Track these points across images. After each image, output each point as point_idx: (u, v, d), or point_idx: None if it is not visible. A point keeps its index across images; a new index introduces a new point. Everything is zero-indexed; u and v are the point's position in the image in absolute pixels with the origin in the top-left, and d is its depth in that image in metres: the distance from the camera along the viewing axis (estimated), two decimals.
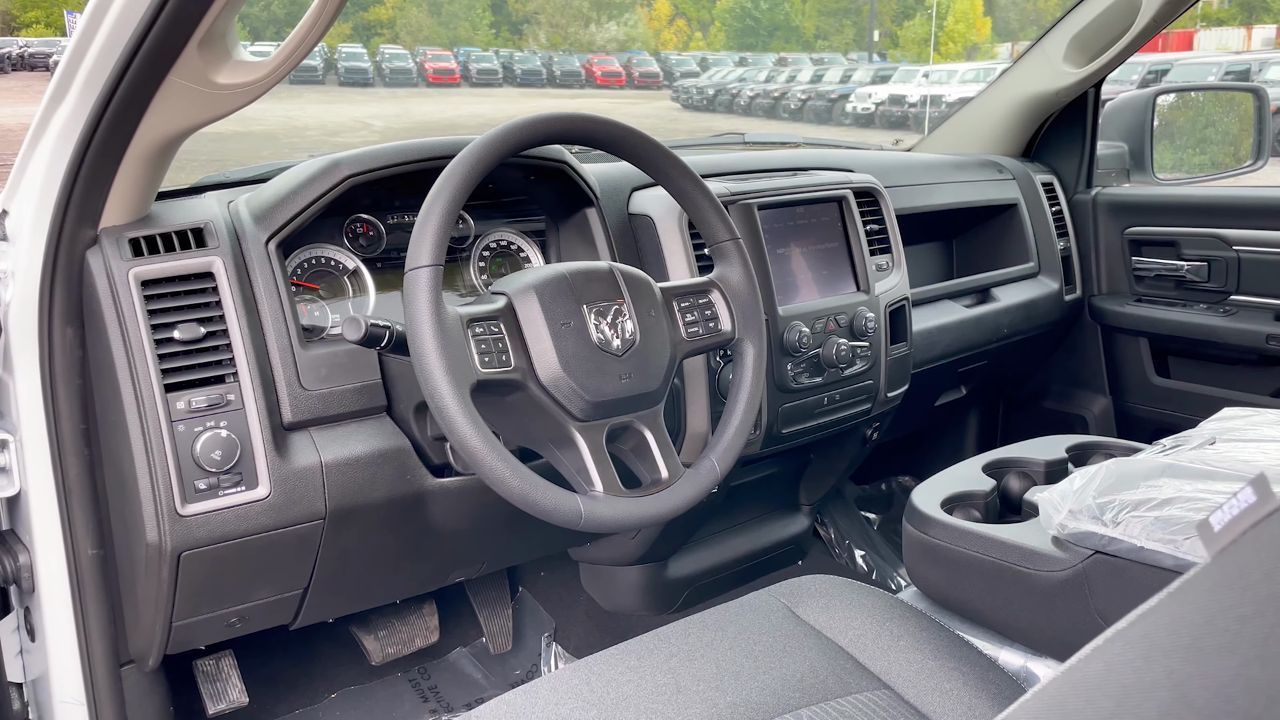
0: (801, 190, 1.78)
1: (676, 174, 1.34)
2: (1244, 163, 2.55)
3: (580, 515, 1.14)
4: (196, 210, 1.35)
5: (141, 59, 1.10)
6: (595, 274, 1.26)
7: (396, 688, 1.92)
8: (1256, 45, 32.31)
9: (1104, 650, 0.49)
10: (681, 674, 1.14)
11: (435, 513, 1.43)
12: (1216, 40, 32.98)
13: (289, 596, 1.43)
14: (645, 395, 1.24)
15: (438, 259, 1.12)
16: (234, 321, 1.27)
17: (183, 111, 1.17)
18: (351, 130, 19.84)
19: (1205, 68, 19.56)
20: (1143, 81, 16.66)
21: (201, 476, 1.23)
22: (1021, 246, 2.37)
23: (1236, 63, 19.79)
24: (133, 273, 1.23)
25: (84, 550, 1.35)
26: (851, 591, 1.31)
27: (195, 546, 1.24)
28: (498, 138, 1.19)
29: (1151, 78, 17.72)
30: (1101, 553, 1.22)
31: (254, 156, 2.44)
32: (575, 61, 38.66)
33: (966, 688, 1.15)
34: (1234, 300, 2.24)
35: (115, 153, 1.20)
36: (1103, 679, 0.47)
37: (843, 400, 1.79)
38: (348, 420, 1.35)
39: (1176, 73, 18.52)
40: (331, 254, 1.47)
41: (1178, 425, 2.34)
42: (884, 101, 24.00)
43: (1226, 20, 34.93)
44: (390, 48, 37.79)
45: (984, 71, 24.24)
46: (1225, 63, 20.20)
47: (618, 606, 2.02)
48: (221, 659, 1.74)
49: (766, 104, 28.05)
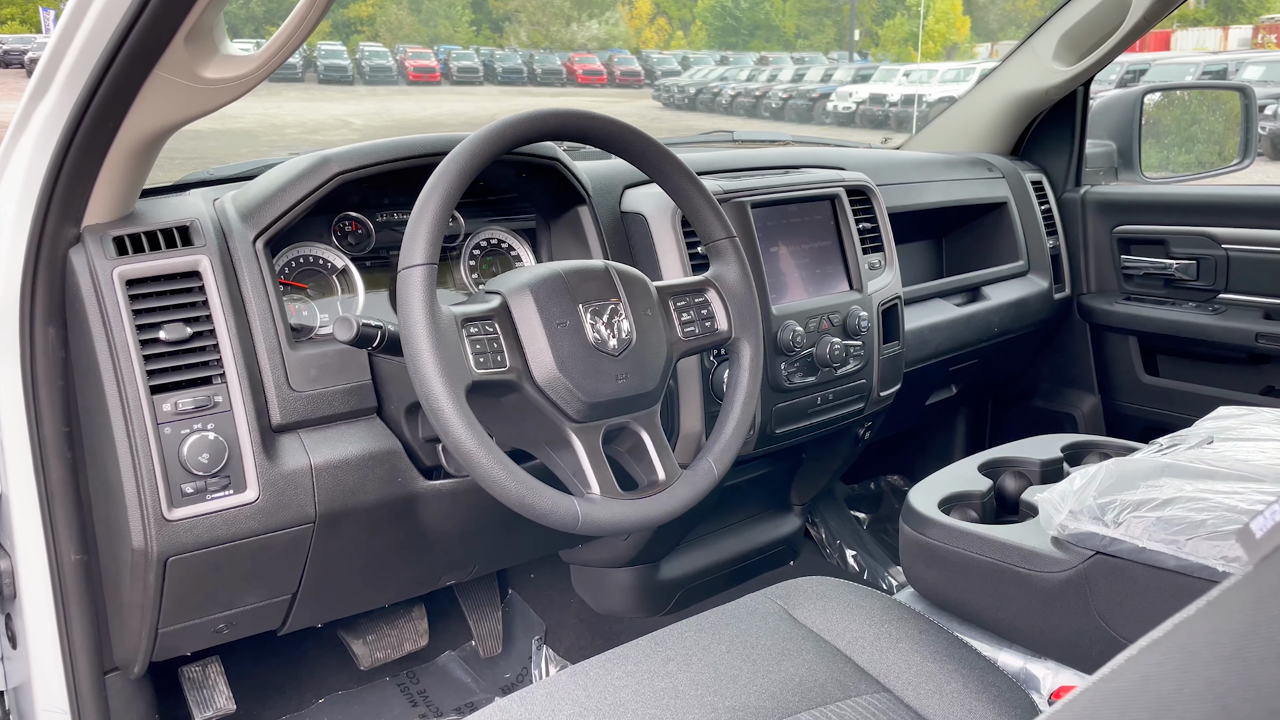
0: (794, 188, 1.77)
1: (672, 171, 1.32)
2: (1230, 161, 2.56)
3: (577, 518, 1.12)
4: (182, 208, 1.32)
5: (126, 53, 1.07)
6: (591, 273, 1.24)
7: (385, 692, 1.89)
8: (1233, 45, 32.63)
9: (1139, 660, 0.48)
10: (679, 678, 1.12)
11: (427, 515, 1.41)
12: (1194, 40, 33.27)
13: (278, 602, 1.40)
14: (642, 396, 1.23)
15: (432, 257, 1.10)
16: (221, 321, 1.24)
17: (169, 107, 1.15)
18: (331, 128, 19.72)
19: (1183, 67, 19.71)
20: (1121, 81, 16.75)
21: (188, 480, 1.21)
22: (1011, 245, 2.37)
23: (1214, 63, 19.94)
24: (117, 271, 1.20)
25: (67, 555, 1.33)
26: (848, 593, 1.30)
27: (182, 551, 1.22)
28: (492, 134, 1.17)
29: (1130, 77, 17.82)
30: (1102, 553, 1.21)
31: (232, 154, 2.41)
32: (556, 60, 38.58)
33: (967, 690, 1.14)
34: (1223, 298, 2.24)
35: (99, 149, 1.17)
36: (1138, 690, 0.46)
37: (836, 400, 1.78)
38: (337, 422, 1.33)
39: (1154, 72, 18.65)
40: (319, 252, 1.44)
41: (1167, 423, 2.35)
42: (865, 101, 24.06)
43: (1203, 20, 35.25)
44: (370, 45, 37.60)
45: (964, 71, 24.35)
46: (1202, 62, 20.36)
47: (609, 609, 2.00)
48: (208, 665, 1.71)
49: (748, 103, 28.08)
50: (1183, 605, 1.19)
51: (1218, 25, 34.26)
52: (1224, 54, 25.72)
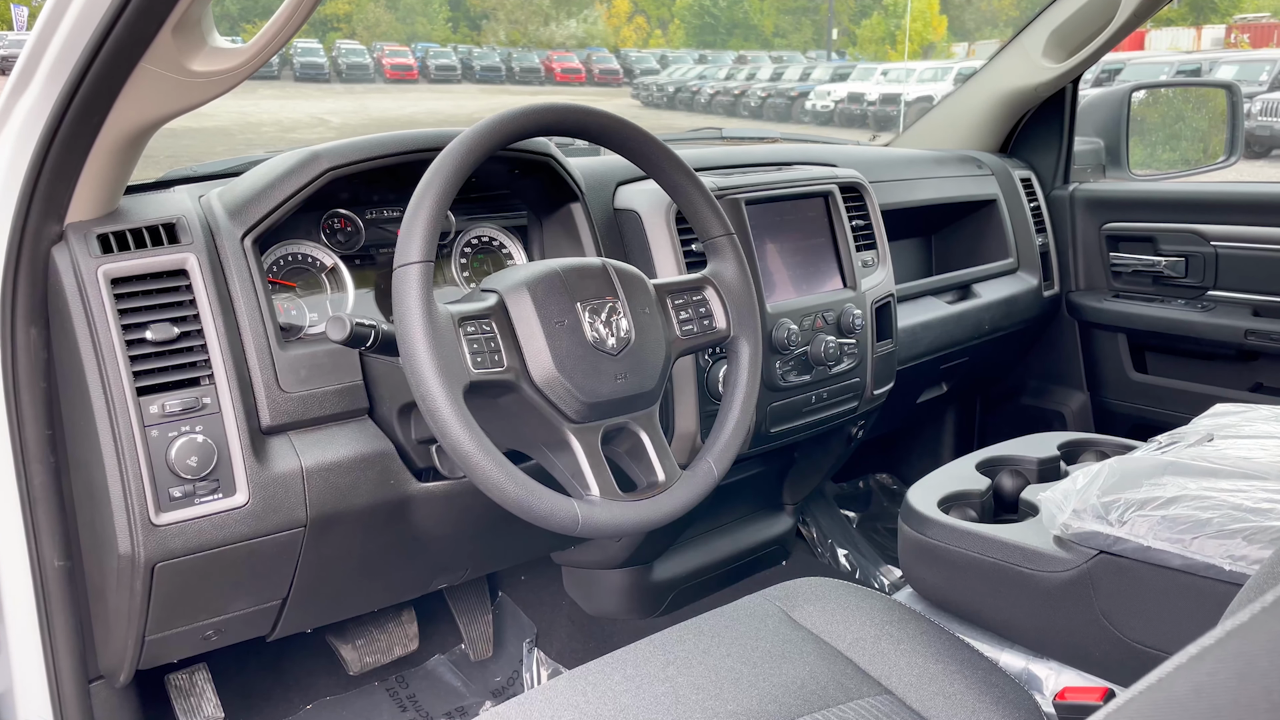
0: (787, 185, 1.75)
1: (670, 167, 1.31)
2: (1216, 159, 2.56)
3: (577, 521, 1.10)
4: (168, 205, 1.29)
5: (112, 45, 1.04)
6: (588, 270, 1.22)
7: (374, 697, 1.86)
8: (1206, 45, 32.92)
9: (1190, 669, 0.46)
10: (679, 682, 1.11)
11: (419, 518, 1.39)
12: (1169, 40, 33.54)
13: (268, 607, 1.38)
14: (641, 395, 1.21)
15: (428, 254, 1.07)
16: (209, 321, 1.21)
17: (155, 100, 1.12)
18: (308, 126, 19.55)
19: (1158, 67, 19.86)
20: (1096, 80, 16.82)
21: (176, 484, 1.18)
22: (1000, 242, 2.37)
23: (1188, 62, 20.12)
24: (102, 270, 1.17)
25: (50, 561, 1.29)
26: (847, 594, 1.29)
27: (170, 557, 1.19)
28: (489, 128, 1.14)
29: (1105, 77, 17.93)
30: (1106, 553, 1.20)
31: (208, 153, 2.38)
32: (534, 58, 38.42)
33: (970, 692, 1.13)
34: (1211, 295, 2.25)
35: (83, 144, 1.14)
36: (1191, 699, 0.44)
37: (830, 399, 1.76)
38: (328, 423, 1.30)
39: (1129, 72, 18.76)
40: (308, 250, 1.41)
41: (1156, 421, 2.36)
42: (843, 100, 24.08)
43: (1176, 20, 35.54)
44: (347, 43, 37.30)
45: (941, 70, 24.44)
46: (1177, 62, 20.53)
47: (601, 610, 1.98)
48: (195, 672, 1.67)
49: (727, 101, 28.07)
50: (1189, 604, 1.18)
51: (1191, 25, 34.55)
52: (1198, 53, 25.95)
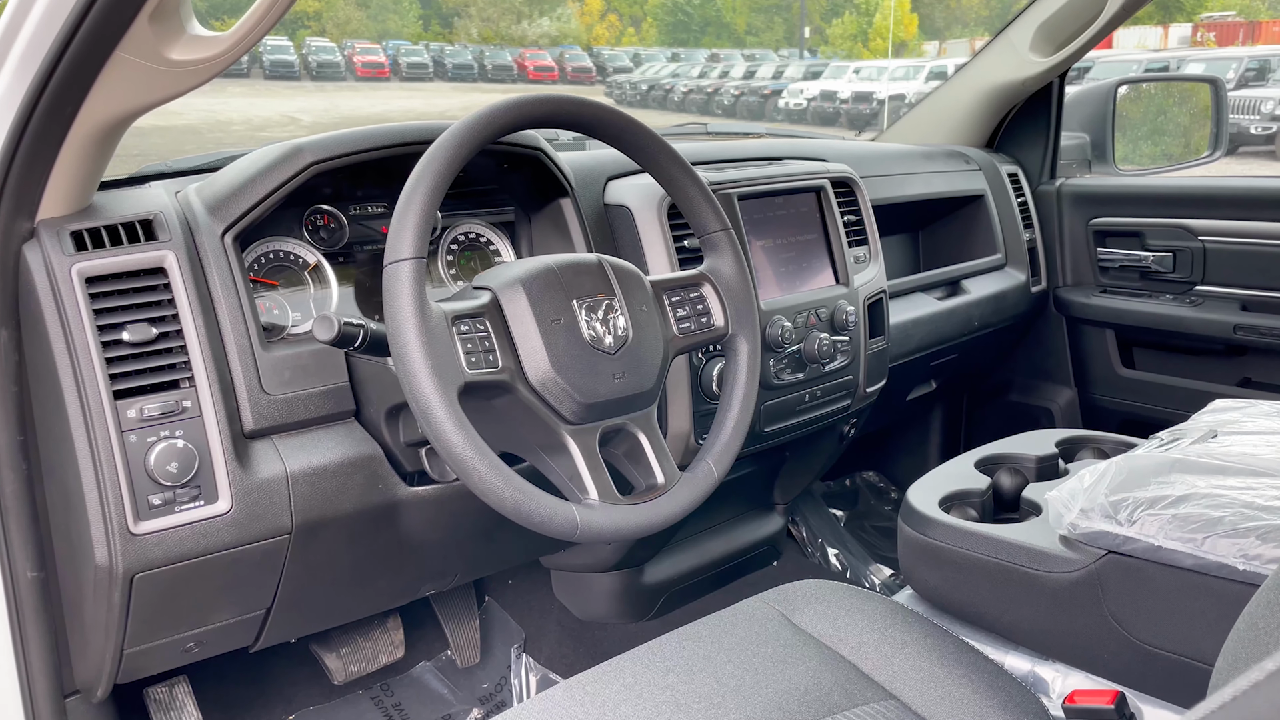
0: (779, 180, 1.72)
1: (666, 160, 1.27)
2: (1200, 154, 2.56)
3: (576, 526, 1.07)
4: (144, 200, 1.24)
5: (86, 32, 0.99)
6: (584, 267, 1.18)
7: (358, 706, 1.82)
8: (1173, 43, 33.28)
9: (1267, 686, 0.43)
10: (680, 690, 1.08)
11: (408, 523, 1.35)
12: (1136, 38, 33.85)
13: (251, 618, 1.33)
14: (639, 396, 1.17)
15: (420, 251, 1.03)
16: (189, 321, 1.17)
17: (131, 91, 1.07)
18: (279, 125, 19.35)
19: (1126, 65, 20.03)
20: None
21: (156, 491, 1.13)
22: (988, 238, 2.35)
23: (1156, 60, 20.30)
24: (76, 268, 1.12)
25: (22, 573, 1.24)
26: (847, 597, 1.26)
27: (149, 568, 1.14)
28: (483, 120, 1.10)
29: (1075, 75, 18.07)
30: (1115, 552, 1.18)
31: (177, 152, 2.32)
32: (507, 56, 38.25)
33: (976, 695, 1.11)
34: (1200, 290, 2.24)
35: (55, 137, 1.09)
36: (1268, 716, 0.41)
37: (823, 396, 1.73)
38: (314, 426, 1.26)
39: (1098, 70, 18.90)
40: (291, 248, 1.37)
41: (1144, 416, 2.35)
42: (815, 98, 24.14)
43: (1143, 19, 35.87)
44: (317, 40, 36.97)
45: (913, 69, 24.56)
46: (1145, 60, 20.71)
47: (591, 615, 1.94)
48: (175, 686, 1.62)
49: (700, 99, 28.07)
50: (1201, 605, 1.16)
51: (1158, 24, 34.89)
52: (1166, 52, 26.22)
